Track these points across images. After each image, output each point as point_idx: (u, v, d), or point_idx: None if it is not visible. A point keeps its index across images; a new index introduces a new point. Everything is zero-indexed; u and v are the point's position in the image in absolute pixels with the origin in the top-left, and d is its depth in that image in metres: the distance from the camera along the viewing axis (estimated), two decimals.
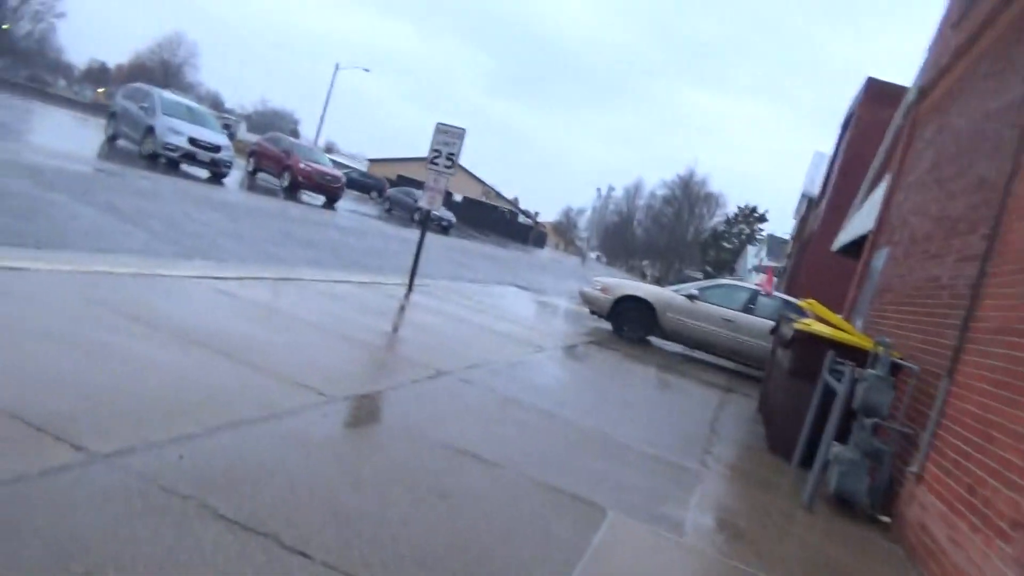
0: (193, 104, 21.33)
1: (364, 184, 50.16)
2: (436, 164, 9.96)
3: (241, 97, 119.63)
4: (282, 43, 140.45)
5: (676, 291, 12.19)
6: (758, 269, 45.81)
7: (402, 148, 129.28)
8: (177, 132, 18.48)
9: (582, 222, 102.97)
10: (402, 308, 8.29)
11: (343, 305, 7.26)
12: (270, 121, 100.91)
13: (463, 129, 9.98)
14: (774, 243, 54.89)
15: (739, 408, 8.40)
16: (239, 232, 10.35)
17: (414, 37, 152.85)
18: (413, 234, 21.46)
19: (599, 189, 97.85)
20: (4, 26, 75.73)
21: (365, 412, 4.17)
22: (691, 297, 11.66)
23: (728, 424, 7.09)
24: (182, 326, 4.57)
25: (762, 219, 62.28)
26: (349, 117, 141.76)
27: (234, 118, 75.93)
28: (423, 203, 10.10)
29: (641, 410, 6.87)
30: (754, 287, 12.92)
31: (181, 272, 6.28)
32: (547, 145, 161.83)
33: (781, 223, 67.47)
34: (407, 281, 9.60)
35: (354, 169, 56.59)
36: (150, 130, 18.66)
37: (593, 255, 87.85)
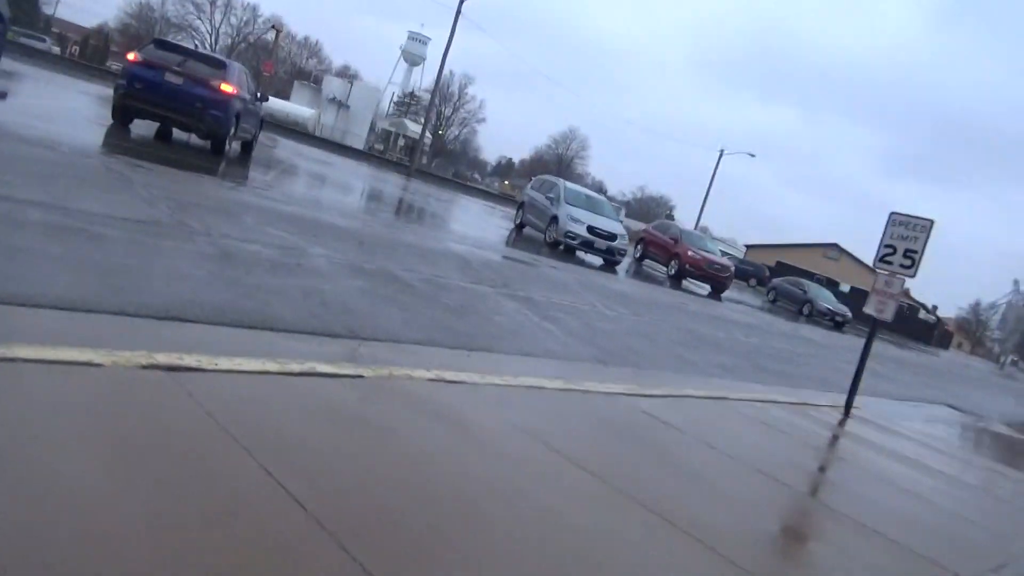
0: (592, 193, 22.10)
1: (743, 271, 48.20)
2: (889, 263, 8.06)
3: (622, 184, 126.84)
4: (661, 132, 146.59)
5: None
6: None
7: (780, 234, 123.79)
8: (577, 221, 19.13)
9: (994, 320, 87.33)
10: (846, 445, 6.52)
11: (782, 441, 5.80)
12: (647, 207, 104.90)
13: (929, 221, 7.95)
14: None
15: None
16: (646, 330, 9.59)
17: (797, 121, 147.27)
18: (812, 332, 18.79)
19: (1016, 281, 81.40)
20: (439, 132, 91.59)
21: None
22: None
23: None
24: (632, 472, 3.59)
25: None
26: (723, 201, 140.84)
27: (617, 204, 79.89)
28: (869, 309, 8.24)
29: None
30: None
31: (606, 387, 5.48)
32: (950, 228, 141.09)
33: None
34: (840, 402, 7.81)
35: (731, 255, 54.95)
36: (554, 219, 19.66)
37: (1009, 359, 74.72)
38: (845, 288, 56.00)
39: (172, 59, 12.75)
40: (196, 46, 36.48)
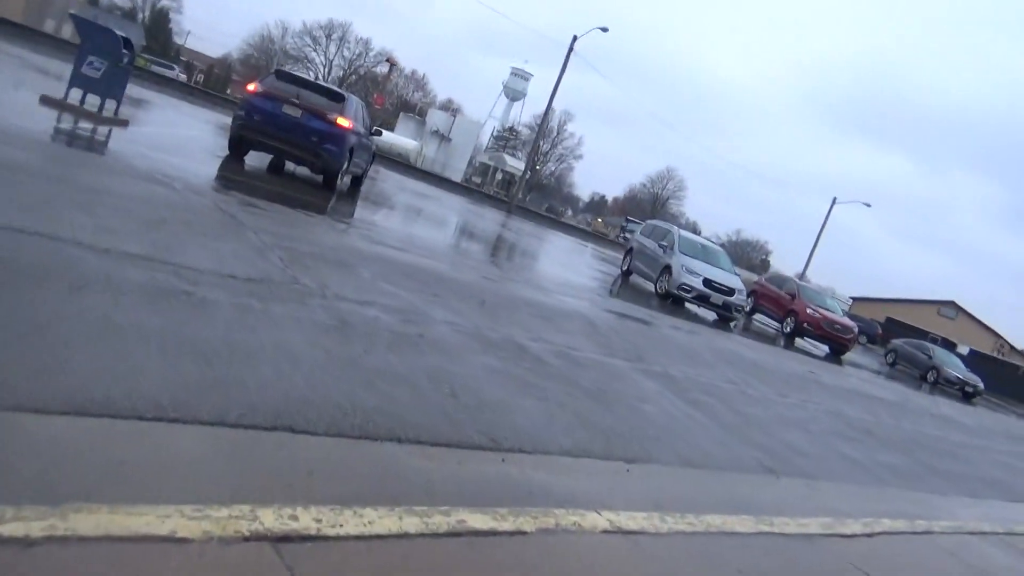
0: (709, 243, 20.75)
1: None
2: None
3: (717, 226, 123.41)
4: (762, 175, 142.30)
5: None
6: None
7: (884, 287, 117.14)
8: (693, 272, 17.84)
9: None
10: None
11: None
12: (743, 251, 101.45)
13: None
14: None
15: None
16: (795, 416, 8.27)
17: (909, 168, 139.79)
18: (952, 408, 16.52)
19: None
20: (536, 167, 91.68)
21: None
22: None
23: None
24: None
25: None
26: (824, 248, 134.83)
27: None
28: None
29: None
30: None
31: (798, 523, 4.31)
32: None
33: None
34: None
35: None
36: (667, 269, 18.43)
37: None
38: (964, 350, 51.54)
39: (291, 91, 12.44)
40: (316, 77, 37.30)
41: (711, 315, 18.30)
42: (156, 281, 4.28)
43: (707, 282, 17.73)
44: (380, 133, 15.59)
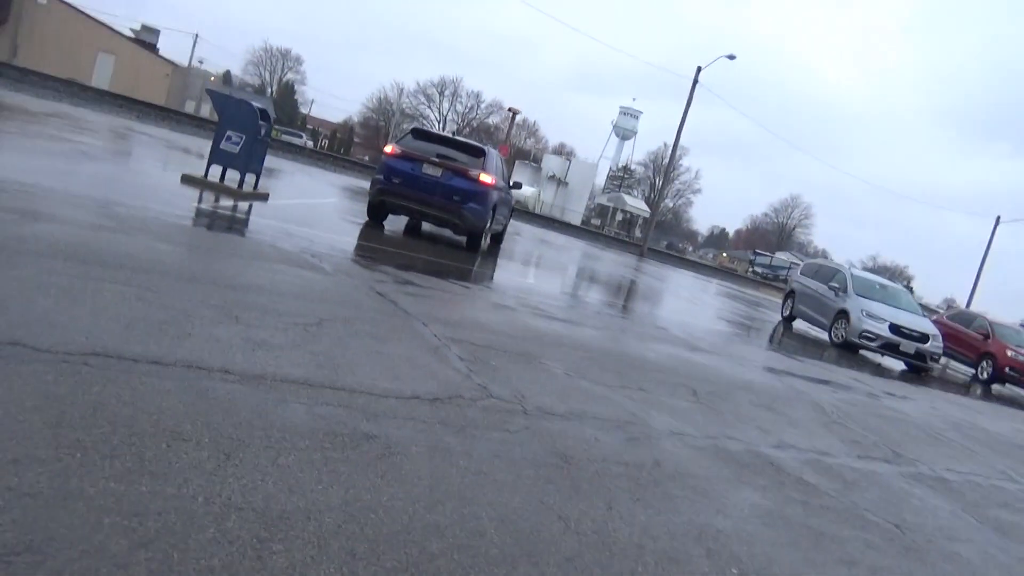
0: (887, 282, 18.31)
1: None
2: None
3: (850, 253, 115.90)
4: (895, 195, 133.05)
5: None
6: None
7: None
8: (876, 318, 15.57)
9: None
10: None
11: None
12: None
13: None
14: None
15: None
16: None
17: None
18: None
19: None
20: (655, 204, 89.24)
21: None
22: None
23: None
24: None
25: None
26: (964, 268, 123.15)
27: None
28: None
29: None
30: None
31: None
32: None
33: None
34: None
35: None
36: (842, 314, 16.24)
37: None
38: None
39: (430, 150, 11.61)
40: (453, 133, 37.24)
41: (897, 364, 15.97)
42: (327, 422, 3.13)
43: (894, 328, 15.40)
44: (520, 186, 14.59)
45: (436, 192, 11.21)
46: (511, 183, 14.30)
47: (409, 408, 3.60)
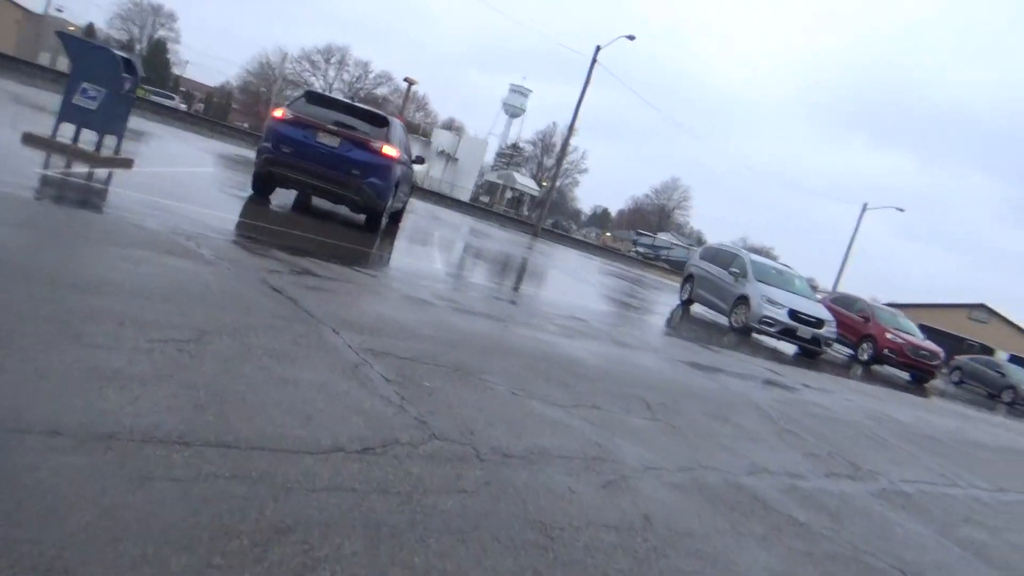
0: (783, 267, 18.49)
1: None
2: None
3: (721, 234, 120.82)
4: (764, 180, 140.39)
5: None
6: None
7: (893, 289, 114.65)
8: (776, 304, 15.60)
9: None
10: None
11: None
12: None
13: None
14: None
15: None
16: None
17: (911, 169, 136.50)
18: None
19: None
20: (542, 184, 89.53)
21: None
22: None
23: None
24: None
25: None
26: (831, 253, 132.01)
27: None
28: None
29: None
30: None
31: None
32: None
33: None
34: None
35: None
36: (742, 300, 16.21)
37: None
38: (1003, 356, 48.93)
39: (327, 116, 10.29)
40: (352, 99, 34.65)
41: (789, 348, 16.15)
42: (214, 511, 2.08)
43: (793, 314, 15.50)
44: (422, 161, 13.45)
45: (333, 164, 9.94)
46: (413, 157, 13.12)
47: (332, 469, 2.59)
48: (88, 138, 9.31)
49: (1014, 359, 46.55)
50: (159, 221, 6.26)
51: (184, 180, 11.12)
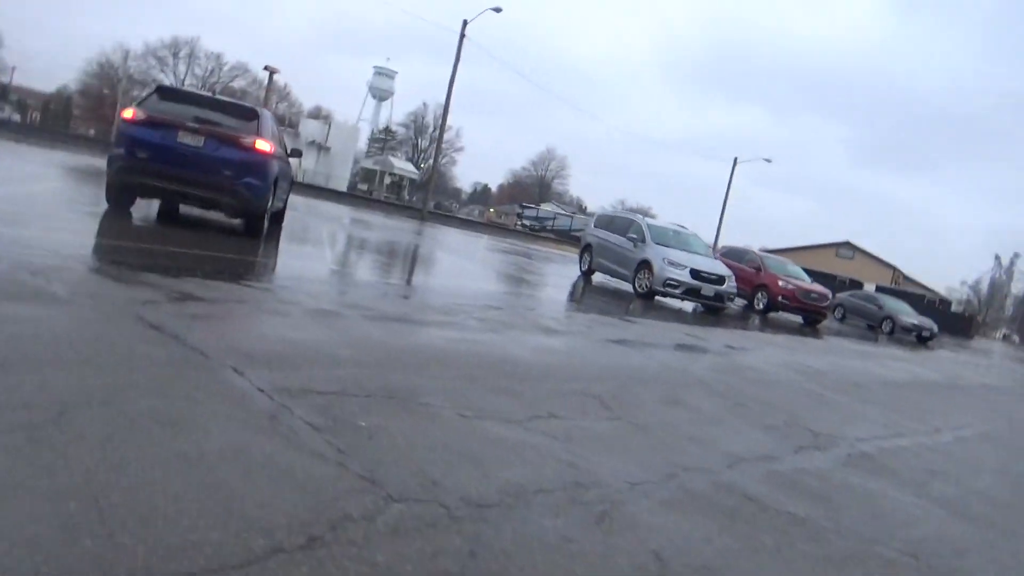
0: (679, 228, 18.58)
1: None
2: None
3: (601, 199, 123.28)
4: (635, 143, 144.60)
5: None
6: None
7: (764, 237, 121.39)
8: (677, 265, 15.63)
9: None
10: None
11: None
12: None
13: None
14: None
15: None
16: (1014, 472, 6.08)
17: (766, 120, 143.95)
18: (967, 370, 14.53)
19: (998, 257, 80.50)
20: (420, 165, 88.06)
21: None
22: None
23: None
24: None
25: None
26: (703, 206, 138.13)
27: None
28: None
29: None
30: None
31: None
32: (927, 211, 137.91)
33: None
34: None
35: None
36: (644, 264, 16.14)
37: (999, 334, 76.39)
38: (871, 288, 52.40)
39: (185, 113, 9.13)
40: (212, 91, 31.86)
41: (691, 306, 16.30)
42: None
43: (695, 273, 15.57)
44: (300, 154, 12.40)
45: (200, 166, 8.83)
46: (289, 150, 12.05)
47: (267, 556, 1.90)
48: None
49: (880, 289, 50.06)
50: None
51: (23, 201, 9.65)
